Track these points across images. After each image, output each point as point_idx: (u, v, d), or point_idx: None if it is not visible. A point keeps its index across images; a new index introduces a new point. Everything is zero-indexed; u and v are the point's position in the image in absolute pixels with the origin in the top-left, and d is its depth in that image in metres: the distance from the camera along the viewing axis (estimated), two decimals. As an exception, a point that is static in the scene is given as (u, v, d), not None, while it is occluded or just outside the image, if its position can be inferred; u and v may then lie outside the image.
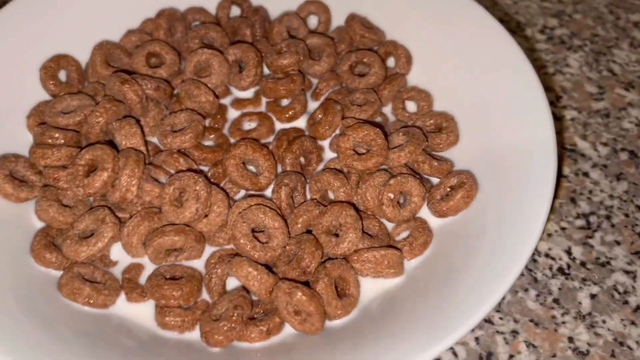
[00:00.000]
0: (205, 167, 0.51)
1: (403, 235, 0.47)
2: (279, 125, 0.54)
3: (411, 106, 0.55)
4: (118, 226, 0.46)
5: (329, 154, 0.52)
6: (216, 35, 0.57)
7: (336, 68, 0.56)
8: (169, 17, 0.58)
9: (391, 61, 0.57)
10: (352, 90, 0.54)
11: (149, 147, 0.51)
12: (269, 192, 0.49)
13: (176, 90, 0.54)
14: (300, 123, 0.54)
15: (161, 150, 0.51)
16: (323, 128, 0.51)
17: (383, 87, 0.54)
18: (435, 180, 0.50)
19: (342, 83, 0.56)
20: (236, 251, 0.46)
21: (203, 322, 0.42)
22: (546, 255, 0.51)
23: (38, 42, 0.55)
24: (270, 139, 0.53)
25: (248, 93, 0.56)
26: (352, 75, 0.55)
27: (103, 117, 0.49)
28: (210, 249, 0.47)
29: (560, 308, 0.48)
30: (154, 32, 0.58)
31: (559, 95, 0.63)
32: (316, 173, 0.49)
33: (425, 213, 0.48)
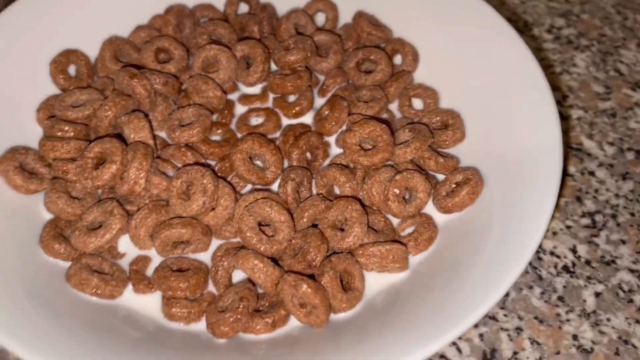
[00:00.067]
0: (212, 162, 0.51)
1: (408, 230, 0.48)
2: (286, 121, 0.54)
3: (417, 103, 0.55)
4: (126, 218, 0.46)
5: (335, 150, 0.52)
6: (224, 31, 0.57)
7: (343, 65, 0.57)
8: (178, 14, 0.59)
9: (398, 59, 0.57)
10: (359, 87, 0.55)
11: (157, 142, 0.51)
12: (276, 187, 0.50)
13: (184, 85, 0.55)
14: (306, 119, 0.54)
15: (169, 144, 0.51)
16: (329, 124, 0.51)
17: (390, 84, 0.55)
18: (440, 176, 0.50)
19: (349, 80, 0.56)
20: (242, 244, 0.46)
21: (209, 314, 0.43)
22: (551, 253, 0.51)
23: (48, 37, 0.56)
24: (277, 135, 0.53)
25: (255, 89, 0.56)
26: (359, 72, 0.55)
27: (112, 111, 0.50)
28: (216, 242, 0.47)
29: (564, 306, 0.48)
30: (163, 28, 0.58)
31: (566, 94, 0.63)
32: (322, 168, 0.49)
33: (430, 209, 0.48)
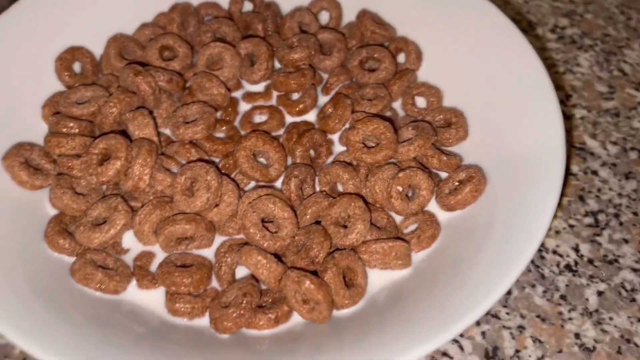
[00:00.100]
0: (216, 159, 0.52)
1: (411, 228, 0.48)
2: (290, 118, 0.54)
3: (421, 102, 0.55)
4: (130, 214, 0.46)
5: (339, 147, 0.52)
6: (228, 29, 0.57)
7: (347, 63, 0.57)
8: (182, 12, 0.59)
9: (401, 57, 0.58)
10: (362, 85, 0.55)
11: (162, 139, 0.51)
12: (279, 184, 0.50)
13: (188, 82, 0.55)
14: (310, 117, 0.54)
15: (173, 141, 0.51)
16: (333, 122, 0.51)
17: (393, 83, 0.55)
18: (443, 174, 0.50)
19: (353, 78, 0.56)
20: (246, 240, 0.46)
21: (212, 309, 0.43)
22: (554, 252, 0.51)
23: (54, 35, 0.56)
24: (280, 132, 0.53)
25: (259, 87, 0.56)
26: (363, 70, 0.56)
27: (116, 108, 0.50)
28: (220, 239, 0.47)
29: (567, 304, 0.48)
30: (168, 26, 0.58)
31: (569, 94, 0.63)
32: (326, 165, 0.50)
33: (433, 206, 0.49)
